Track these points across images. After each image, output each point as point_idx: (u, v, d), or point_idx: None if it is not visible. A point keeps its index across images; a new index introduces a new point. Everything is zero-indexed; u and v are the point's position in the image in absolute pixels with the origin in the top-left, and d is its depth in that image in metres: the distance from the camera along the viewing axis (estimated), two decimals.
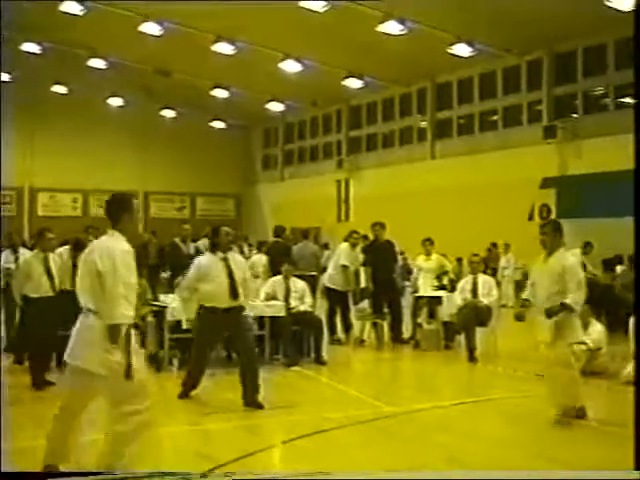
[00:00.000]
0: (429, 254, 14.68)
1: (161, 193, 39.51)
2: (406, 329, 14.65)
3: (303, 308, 12.27)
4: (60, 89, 34.20)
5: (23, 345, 10.76)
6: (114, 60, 30.66)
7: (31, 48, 29.53)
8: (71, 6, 24.32)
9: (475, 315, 12.85)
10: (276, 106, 34.73)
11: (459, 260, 22.01)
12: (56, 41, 28.82)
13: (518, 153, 25.35)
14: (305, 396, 9.87)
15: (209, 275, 9.23)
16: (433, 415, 8.99)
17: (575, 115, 25.06)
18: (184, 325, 10.76)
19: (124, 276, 5.76)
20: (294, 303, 12.22)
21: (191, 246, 16.78)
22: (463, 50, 24.62)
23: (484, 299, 13.04)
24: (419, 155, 30.22)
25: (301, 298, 12.36)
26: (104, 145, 36.08)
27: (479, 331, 12.93)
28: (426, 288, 14.46)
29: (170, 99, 35.59)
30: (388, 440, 7.80)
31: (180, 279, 11.06)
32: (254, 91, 32.89)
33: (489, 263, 21.76)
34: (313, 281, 14.93)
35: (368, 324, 14.63)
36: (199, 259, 9.80)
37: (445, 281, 14.43)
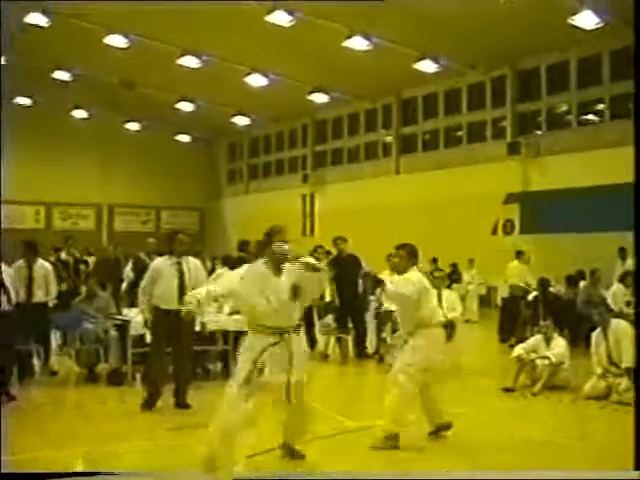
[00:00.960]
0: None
1: (126, 206, 39.34)
2: (370, 344, 14.64)
3: None
4: (24, 101, 34.01)
5: None
6: (79, 72, 30.52)
7: None
8: (36, 18, 24.12)
9: None
10: (241, 120, 34.80)
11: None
12: (20, 53, 28.59)
13: (482, 169, 25.56)
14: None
15: (162, 278, 9.39)
16: None
17: (539, 132, 25.33)
18: (148, 339, 10.66)
19: None
20: None
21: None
22: (428, 66, 24.84)
23: (448, 314, 13.05)
24: (384, 170, 30.35)
25: None
26: (68, 157, 35.94)
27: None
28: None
29: (135, 112, 35.43)
30: (350, 454, 7.76)
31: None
32: (219, 105, 32.90)
33: (453, 277, 21.83)
34: None
35: (332, 339, 14.62)
36: (154, 262, 9.89)
37: None
